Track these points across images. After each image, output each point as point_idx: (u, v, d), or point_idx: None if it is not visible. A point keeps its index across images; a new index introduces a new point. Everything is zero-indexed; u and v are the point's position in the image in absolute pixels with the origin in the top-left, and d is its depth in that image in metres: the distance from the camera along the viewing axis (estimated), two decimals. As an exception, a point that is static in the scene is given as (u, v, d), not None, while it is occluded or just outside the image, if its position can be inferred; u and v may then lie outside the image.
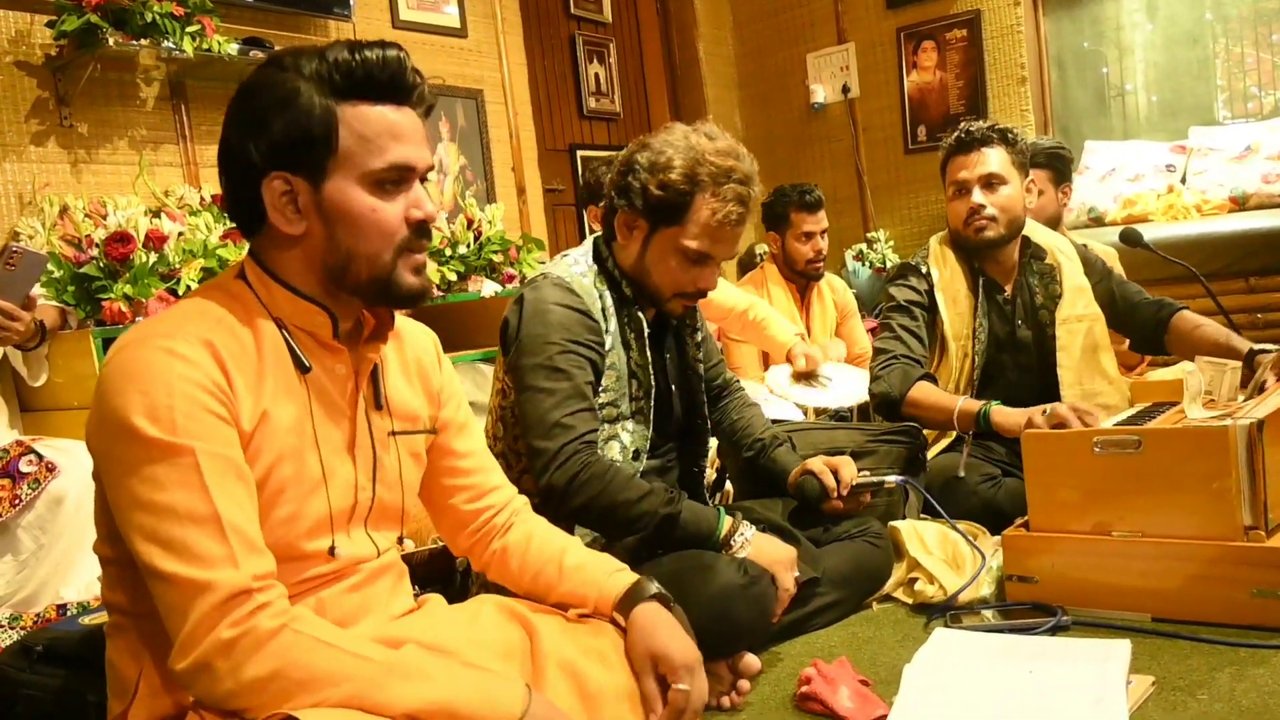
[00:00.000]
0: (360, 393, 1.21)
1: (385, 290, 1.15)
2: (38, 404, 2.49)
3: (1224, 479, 1.69)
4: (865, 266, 5.19)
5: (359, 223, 1.11)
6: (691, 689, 1.23)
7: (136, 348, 1.04)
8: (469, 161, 4.30)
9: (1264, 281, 3.99)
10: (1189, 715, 1.41)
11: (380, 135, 1.11)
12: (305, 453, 1.13)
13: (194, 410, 1.02)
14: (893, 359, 2.49)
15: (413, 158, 1.14)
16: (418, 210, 1.14)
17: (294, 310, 1.15)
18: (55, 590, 2.09)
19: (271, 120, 1.09)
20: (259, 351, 1.11)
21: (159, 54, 3.00)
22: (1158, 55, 4.93)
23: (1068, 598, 1.82)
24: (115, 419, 1.01)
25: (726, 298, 3.40)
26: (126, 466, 1.01)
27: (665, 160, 1.78)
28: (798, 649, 1.83)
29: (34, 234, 2.65)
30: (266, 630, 0.98)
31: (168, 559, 0.98)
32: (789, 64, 5.66)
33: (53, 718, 1.44)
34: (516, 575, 1.40)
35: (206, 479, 1.00)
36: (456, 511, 1.40)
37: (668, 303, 1.89)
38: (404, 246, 1.14)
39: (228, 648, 0.96)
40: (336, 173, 1.10)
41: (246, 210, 1.14)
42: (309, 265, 1.15)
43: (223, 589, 0.97)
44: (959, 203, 2.52)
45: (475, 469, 1.41)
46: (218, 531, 0.99)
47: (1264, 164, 4.23)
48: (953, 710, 1.46)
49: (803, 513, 2.03)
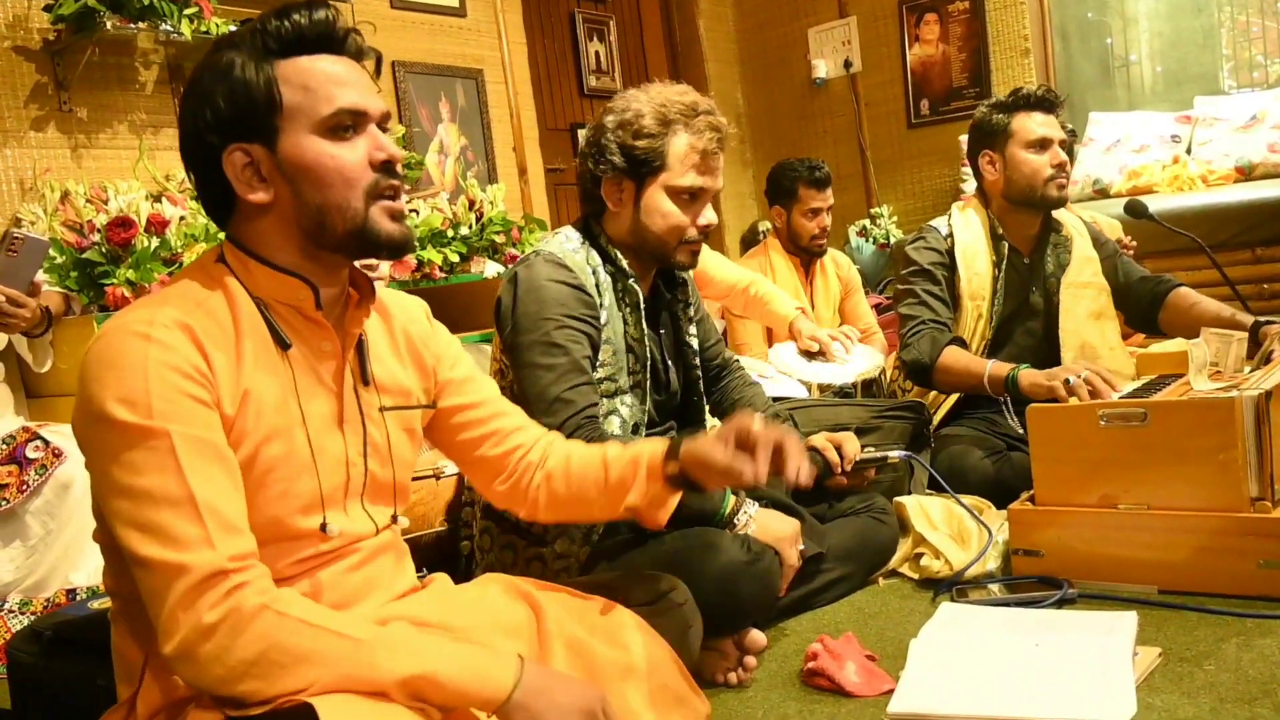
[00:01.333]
0: (347, 368, 1.20)
1: (364, 240, 1.14)
2: (43, 390, 2.49)
3: (1230, 450, 1.68)
4: (869, 242, 5.17)
5: (320, 172, 1.11)
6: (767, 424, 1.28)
7: (113, 335, 1.04)
8: (470, 142, 4.29)
9: (1270, 251, 3.97)
10: (1195, 686, 1.41)
11: (323, 84, 1.11)
12: (292, 430, 1.12)
13: (170, 394, 1.01)
14: (921, 324, 2.48)
15: (361, 102, 1.13)
16: (380, 151, 1.14)
17: (274, 285, 1.14)
18: (64, 575, 2.10)
19: (215, 95, 1.10)
20: (237, 331, 1.10)
21: (157, 37, 3.00)
22: (1162, 24, 4.89)
23: (1074, 571, 1.82)
24: (93, 407, 1.01)
25: (728, 275, 3.39)
26: (106, 453, 1.01)
27: (633, 115, 1.80)
28: (804, 625, 1.83)
29: (35, 219, 2.65)
30: (248, 612, 0.97)
31: (145, 543, 0.98)
32: (790, 39, 5.62)
33: (63, 702, 1.45)
34: (564, 495, 1.39)
35: (182, 461, 1.00)
36: (486, 461, 1.39)
37: (675, 253, 1.87)
38: (372, 191, 1.13)
39: (209, 631, 0.96)
40: (289, 130, 1.10)
41: (217, 194, 1.14)
42: (285, 234, 1.14)
43: (198, 571, 0.97)
44: (1039, 158, 2.47)
45: (492, 415, 1.40)
46: (193, 513, 0.99)
47: (1270, 133, 4.20)
48: (959, 684, 1.46)
49: (807, 489, 2.03)
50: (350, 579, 1.19)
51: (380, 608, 1.19)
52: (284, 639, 0.98)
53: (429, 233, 3.38)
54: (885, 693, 1.49)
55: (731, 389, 2.19)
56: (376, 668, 0.99)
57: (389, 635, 1.03)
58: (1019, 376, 2.22)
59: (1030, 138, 2.47)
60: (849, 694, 1.51)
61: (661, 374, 1.98)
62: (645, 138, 1.79)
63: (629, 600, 1.37)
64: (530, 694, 1.04)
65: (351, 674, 0.98)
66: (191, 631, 0.96)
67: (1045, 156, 2.46)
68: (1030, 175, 2.48)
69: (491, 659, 1.06)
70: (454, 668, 1.02)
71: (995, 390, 2.30)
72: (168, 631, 0.97)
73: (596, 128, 1.85)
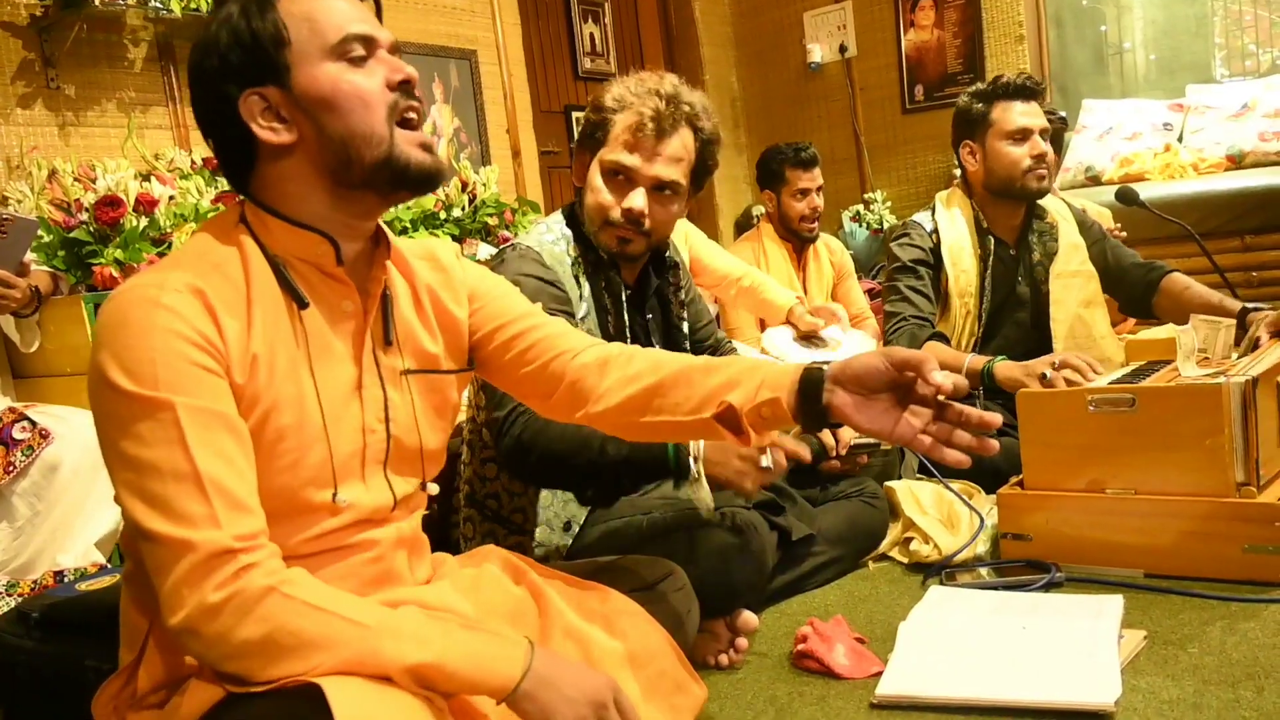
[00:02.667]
0: (369, 330, 1.17)
1: (392, 170, 1.11)
2: (30, 370, 2.48)
3: (1217, 436, 1.69)
4: (862, 227, 5.17)
5: (339, 99, 1.09)
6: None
7: (123, 299, 1.02)
8: (463, 124, 4.27)
9: (1259, 240, 3.98)
10: (1180, 669, 1.42)
11: (326, 14, 1.10)
12: (304, 397, 1.09)
13: (176, 363, 0.99)
14: (902, 321, 2.48)
15: (367, 29, 1.12)
16: (396, 73, 1.12)
17: (293, 242, 1.12)
18: (52, 557, 2.09)
19: (220, 46, 1.09)
20: (249, 293, 1.08)
21: (146, 14, 2.97)
22: (1156, 13, 4.89)
23: (1062, 555, 1.84)
24: (99, 374, 1.00)
25: (720, 264, 3.39)
26: (113, 422, 1.00)
27: (603, 91, 1.79)
28: (794, 608, 1.84)
29: (23, 198, 2.63)
30: (254, 593, 0.96)
31: (151, 516, 0.97)
32: (786, 23, 5.60)
33: (50, 684, 1.44)
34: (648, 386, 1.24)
35: (187, 435, 0.98)
36: (533, 377, 1.30)
37: (599, 232, 1.80)
38: (393, 114, 1.11)
39: (214, 611, 0.95)
40: (300, 64, 1.09)
41: (237, 151, 1.12)
42: (310, 180, 1.11)
43: (203, 549, 0.95)
44: (1017, 149, 2.46)
45: (532, 327, 1.31)
46: (199, 490, 0.97)
47: (1261, 122, 4.20)
48: (947, 667, 1.47)
49: (799, 473, 2.03)
50: (367, 571, 1.16)
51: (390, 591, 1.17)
52: (289, 622, 0.96)
53: (421, 214, 3.37)
54: (874, 675, 1.50)
55: None
56: (382, 654, 0.97)
57: (396, 622, 1.01)
58: (994, 369, 2.23)
59: (1009, 128, 2.46)
60: (838, 676, 1.52)
61: None
62: (599, 111, 1.78)
63: (627, 585, 1.37)
64: (538, 684, 1.02)
65: (356, 659, 0.97)
66: (196, 610, 0.95)
67: (1024, 148, 2.45)
68: (1009, 166, 2.46)
69: (500, 647, 1.04)
70: (461, 656, 1.00)
71: (972, 384, 2.30)
72: (172, 606, 0.95)
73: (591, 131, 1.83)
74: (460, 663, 1.00)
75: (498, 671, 1.01)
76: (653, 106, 1.72)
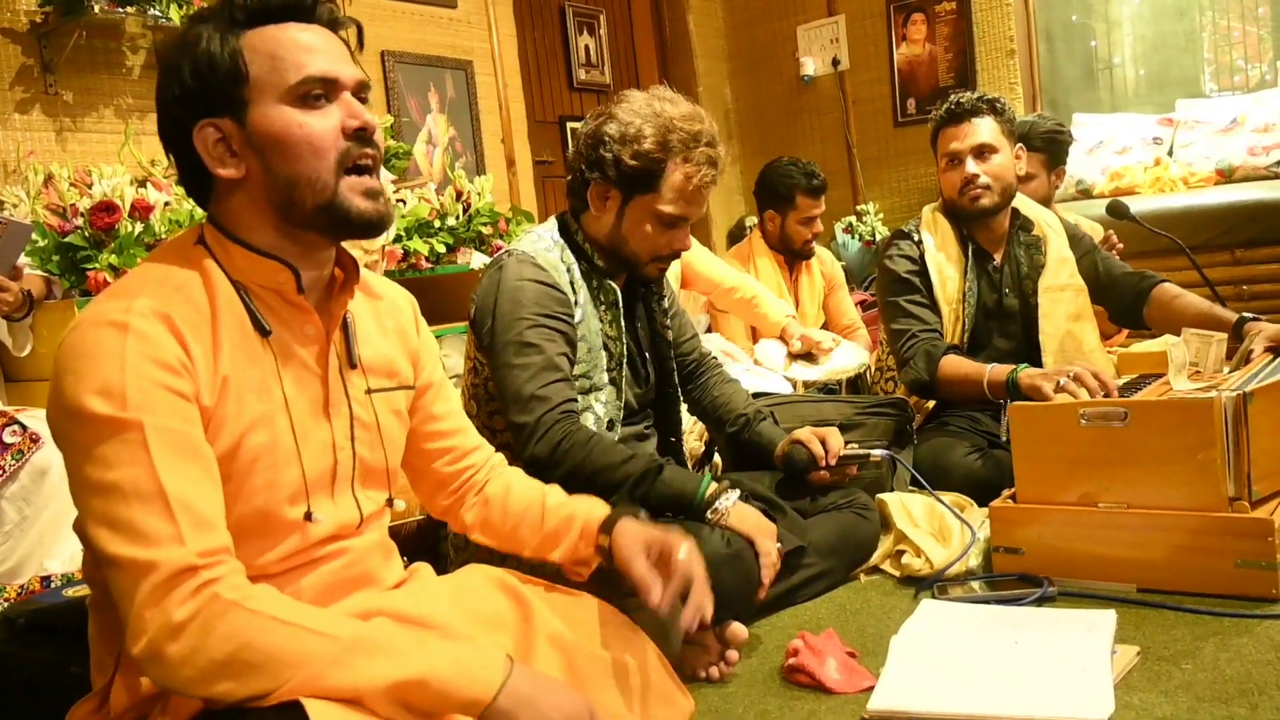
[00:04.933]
0: (332, 351, 1.18)
1: (333, 216, 1.10)
2: (22, 374, 2.47)
3: (1209, 450, 1.70)
4: (855, 239, 5.19)
5: (288, 142, 1.08)
6: (691, 556, 1.26)
7: (88, 326, 1.01)
8: (458, 133, 4.27)
9: (1249, 253, 4.01)
10: (1173, 685, 1.42)
11: (290, 52, 1.08)
12: (275, 418, 1.09)
13: (147, 385, 0.98)
14: (913, 339, 2.48)
15: (331, 69, 1.10)
16: (353, 119, 1.10)
17: (254, 269, 1.12)
18: (39, 562, 2.08)
19: (182, 71, 1.09)
20: (214, 318, 1.07)
21: (145, 21, 2.98)
22: (1145, 28, 4.92)
23: (1054, 569, 1.84)
24: (67, 400, 0.98)
25: (714, 272, 3.40)
26: (80, 450, 0.98)
27: (635, 131, 1.79)
28: (785, 621, 1.84)
29: (18, 203, 2.62)
30: (217, 609, 0.93)
31: (114, 540, 0.95)
32: (779, 36, 5.62)
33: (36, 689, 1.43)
34: (499, 525, 1.39)
35: (154, 454, 0.96)
36: (437, 474, 1.39)
37: (645, 267, 1.91)
38: (343, 162, 1.10)
39: (177, 630, 0.92)
40: (257, 101, 1.08)
41: (193, 172, 1.13)
42: (259, 212, 1.11)
43: (166, 567, 0.93)
44: (953, 173, 2.52)
45: (454, 430, 1.40)
46: (164, 508, 0.95)
47: (1250, 136, 4.23)
48: (939, 681, 1.47)
49: (790, 484, 2.04)
50: (339, 577, 1.17)
51: (367, 601, 1.17)
52: (255, 637, 0.94)
53: (415, 223, 3.37)
54: (865, 689, 1.49)
55: (710, 386, 2.19)
56: (356, 670, 0.95)
57: (370, 635, 1.00)
58: (1018, 378, 2.20)
59: (943, 153, 2.54)
60: (829, 690, 1.51)
61: (639, 367, 1.99)
62: (643, 159, 1.79)
63: (613, 593, 1.37)
64: (515, 700, 1.00)
65: (328, 676, 0.94)
66: (160, 631, 0.92)
67: (956, 172, 2.50)
68: (948, 190, 2.54)
69: (478, 658, 1.02)
70: (439, 669, 0.98)
71: (995, 394, 2.29)
72: (135, 632, 0.93)
73: (596, 133, 1.84)
74: (440, 674, 0.98)
75: (476, 681, 0.99)
76: (706, 158, 1.82)
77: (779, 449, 2.05)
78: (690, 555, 1.26)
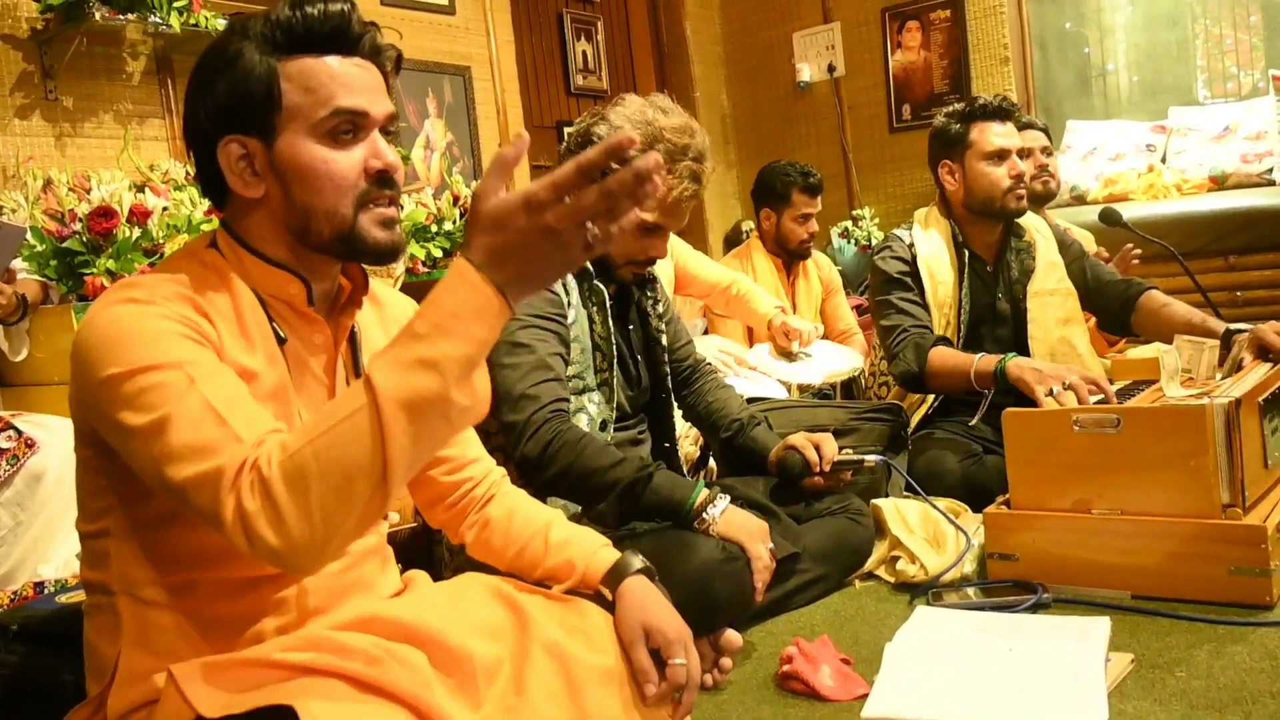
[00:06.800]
0: (339, 361, 1.19)
1: (350, 246, 1.12)
2: (17, 379, 2.47)
3: (1202, 457, 1.71)
4: (850, 244, 5.20)
5: (312, 176, 1.08)
6: (688, 663, 1.23)
7: (108, 309, 1.02)
8: (456, 138, 4.28)
9: (1242, 260, 4.03)
10: (1167, 692, 1.43)
11: (325, 85, 1.08)
12: (292, 419, 1.10)
13: (173, 338, 1.00)
14: (903, 333, 2.49)
15: (363, 104, 1.10)
16: (376, 160, 1.11)
17: (266, 278, 1.13)
18: (33, 568, 2.08)
19: (217, 84, 1.08)
20: (239, 316, 1.09)
21: (145, 28, 2.99)
22: (1138, 36, 4.94)
23: (1048, 575, 1.84)
24: (97, 373, 0.98)
25: (710, 274, 3.40)
26: (121, 407, 0.97)
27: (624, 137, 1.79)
28: (779, 628, 1.84)
29: (17, 208, 2.62)
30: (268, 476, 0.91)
31: (181, 467, 0.94)
32: (775, 42, 5.64)
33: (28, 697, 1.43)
34: (500, 550, 1.38)
35: (198, 381, 0.97)
36: (435, 484, 1.38)
37: (619, 269, 1.93)
38: (363, 198, 1.11)
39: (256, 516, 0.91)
40: (286, 129, 1.08)
41: (212, 179, 1.13)
42: (275, 229, 1.12)
43: (229, 470, 0.93)
44: (996, 170, 2.48)
45: (455, 440, 1.39)
46: (215, 418, 0.95)
47: (1243, 144, 4.25)
48: (933, 688, 1.47)
49: (784, 490, 2.04)
50: (337, 582, 1.17)
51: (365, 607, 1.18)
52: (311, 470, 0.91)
53: (413, 228, 3.37)
54: (860, 697, 1.50)
55: (705, 391, 2.19)
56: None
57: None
58: (1006, 367, 2.22)
59: (988, 149, 2.49)
60: (823, 698, 1.52)
61: (631, 370, 2.00)
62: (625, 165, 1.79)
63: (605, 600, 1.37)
64: None
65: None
66: (250, 523, 0.91)
67: (1003, 168, 2.48)
68: (989, 187, 2.49)
69: None
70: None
71: (982, 383, 2.30)
72: (242, 544, 0.92)
73: (585, 133, 1.84)
74: None
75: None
76: (690, 172, 1.82)
77: (773, 454, 2.05)
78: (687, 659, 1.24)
